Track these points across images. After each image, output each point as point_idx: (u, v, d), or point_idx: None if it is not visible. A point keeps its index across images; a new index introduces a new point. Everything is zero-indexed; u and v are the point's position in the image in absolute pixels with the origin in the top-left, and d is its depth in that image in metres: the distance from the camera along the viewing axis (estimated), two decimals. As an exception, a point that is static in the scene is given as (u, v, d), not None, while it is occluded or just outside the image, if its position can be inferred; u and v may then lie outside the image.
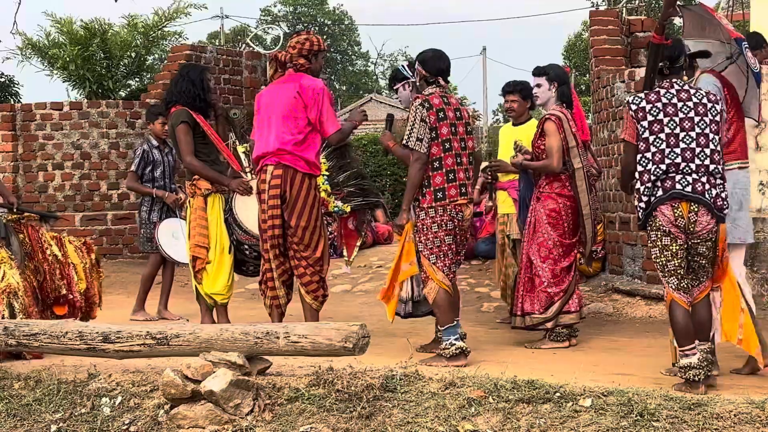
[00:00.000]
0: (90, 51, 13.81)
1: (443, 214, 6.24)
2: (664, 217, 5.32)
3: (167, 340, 4.87)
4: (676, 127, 5.37)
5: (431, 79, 6.38)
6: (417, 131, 6.20)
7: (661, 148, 5.35)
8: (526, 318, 6.86)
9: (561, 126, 6.83)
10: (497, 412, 4.26)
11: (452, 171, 6.27)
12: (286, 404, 4.52)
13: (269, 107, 6.60)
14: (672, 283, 5.36)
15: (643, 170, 5.38)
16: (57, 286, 6.39)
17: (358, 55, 57.17)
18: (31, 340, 5.15)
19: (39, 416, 4.75)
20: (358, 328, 4.65)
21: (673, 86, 5.47)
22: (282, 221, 6.50)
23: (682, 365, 5.27)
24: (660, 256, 5.38)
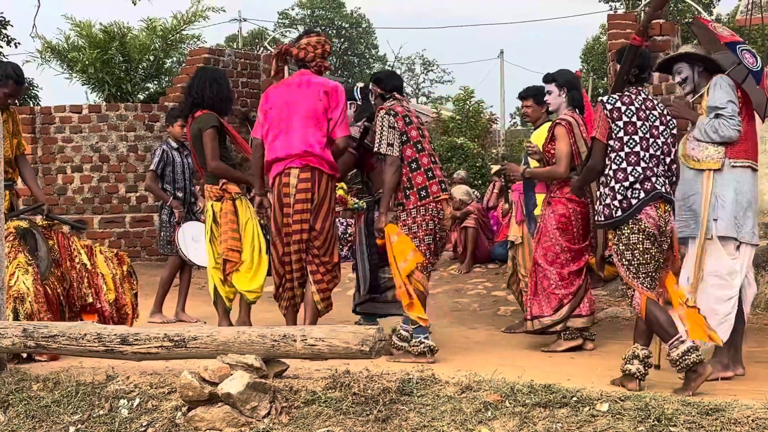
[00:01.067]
0: (109, 54, 13.89)
1: (425, 214, 6.43)
2: (649, 219, 5.42)
3: (185, 342, 4.89)
4: (647, 132, 5.54)
5: (387, 96, 6.68)
6: (387, 137, 6.43)
7: (635, 150, 5.48)
8: (536, 321, 6.87)
9: (571, 131, 6.84)
10: (514, 417, 4.25)
11: (430, 169, 6.49)
12: (302, 407, 4.53)
13: (288, 107, 6.52)
14: (646, 284, 5.47)
15: (617, 168, 5.48)
16: (84, 294, 6.44)
17: (375, 58, 57.12)
18: (50, 341, 5.18)
19: (57, 417, 4.78)
20: (375, 331, 4.66)
21: (640, 93, 5.64)
22: (309, 225, 6.50)
23: (679, 354, 5.25)
24: (639, 258, 5.45)
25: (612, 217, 5.47)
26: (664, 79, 9.51)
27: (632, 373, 5.37)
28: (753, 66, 5.90)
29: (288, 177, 6.48)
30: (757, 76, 5.93)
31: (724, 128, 5.76)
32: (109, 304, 6.54)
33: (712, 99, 5.83)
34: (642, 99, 5.60)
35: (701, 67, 6.01)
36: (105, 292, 6.54)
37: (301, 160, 6.47)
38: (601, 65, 33.23)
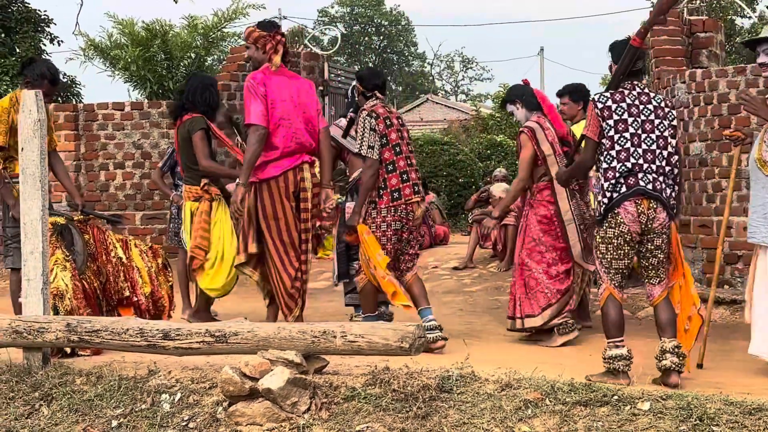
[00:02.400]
0: (151, 52, 13.99)
1: (395, 214, 6.69)
2: (627, 214, 5.52)
3: (226, 338, 4.92)
4: (639, 127, 5.59)
5: (368, 94, 6.90)
6: (368, 140, 6.66)
7: (626, 146, 5.54)
8: (525, 320, 7.01)
9: (533, 136, 7.11)
10: (554, 415, 4.24)
11: (405, 172, 6.74)
12: (342, 403, 4.54)
13: (292, 101, 6.57)
14: (615, 280, 5.60)
15: (608, 167, 5.57)
16: (120, 288, 6.50)
17: (414, 56, 57.13)
18: (93, 336, 5.24)
19: (100, 411, 4.83)
20: (415, 328, 4.66)
21: (635, 88, 5.68)
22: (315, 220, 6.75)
23: (610, 356, 5.48)
24: (612, 253, 5.58)
25: (599, 214, 5.62)
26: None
27: (669, 368, 5.41)
28: None
29: (302, 172, 6.58)
30: None
31: None
32: (145, 297, 6.60)
33: None
34: (636, 94, 5.66)
35: None
36: (141, 285, 6.61)
37: (310, 156, 6.63)
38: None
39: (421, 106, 38.94)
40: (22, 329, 5.34)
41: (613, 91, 5.66)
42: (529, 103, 7.32)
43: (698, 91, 9.23)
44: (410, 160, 6.84)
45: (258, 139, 6.42)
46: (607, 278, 5.61)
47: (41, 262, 5.52)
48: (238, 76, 12.75)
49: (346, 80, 15.23)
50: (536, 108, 7.30)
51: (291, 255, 6.62)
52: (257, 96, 6.45)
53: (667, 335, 5.56)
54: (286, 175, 6.53)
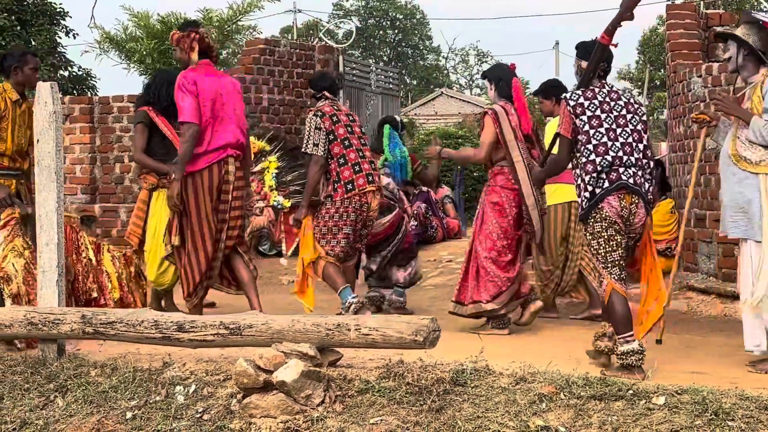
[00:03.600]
0: (166, 45, 14.02)
1: (348, 206, 7.07)
2: (611, 208, 5.59)
3: (240, 330, 4.93)
4: (613, 122, 5.68)
5: (318, 95, 7.36)
6: (313, 138, 7.07)
7: (602, 141, 5.63)
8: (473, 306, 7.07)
9: (497, 120, 7.11)
10: (568, 409, 4.22)
11: (357, 164, 7.11)
12: (356, 396, 4.54)
13: (221, 98, 6.70)
14: (614, 274, 5.62)
15: (586, 161, 5.62)
16: (89, 288, 6.54)
17: (429, 49, 57.02)
18: (108, 328, 5.25)
19: (115, 403, 4.84)
20: (429, 321, 4.65)
21: (604, 86, 5.81)
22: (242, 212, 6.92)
23: (623, 351, 5.47)
24: (605, 247, 5.62)
25: (582, 209, 5.66)
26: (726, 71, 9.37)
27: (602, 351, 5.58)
28: None
29: (227, 165, 6.68)
30: None
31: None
32: (114, 302, 6.60)
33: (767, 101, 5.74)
34: (606, 92, 5.78)
35: (746, 51, 5.90)
36: (110, 290, 6.62)
37: (236, 150, 6.74)
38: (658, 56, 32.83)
39: (436, 99, 38.89)
40: (38, 321, 5.37)
41: (584, 89, 5.77)
42: (502, 90, 7.31)
43: (714, 84, 9.18)
44: (362, 152, 7.21)
45: (191, 135, 6.56)
46: (607, 273, 5.63)
47: (56, 254, 5.55)
48: (253, 69, 12.76)
49: (361, 74, 15.23)
50: (507, 98, 7.28)
51: (205, 246, 6.72)
52: (189, 93, 6.61)
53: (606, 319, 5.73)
54: (211, 168, 6.66)
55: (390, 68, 23.80)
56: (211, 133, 6.64)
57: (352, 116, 7.41)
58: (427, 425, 4.28)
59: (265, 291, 9.62)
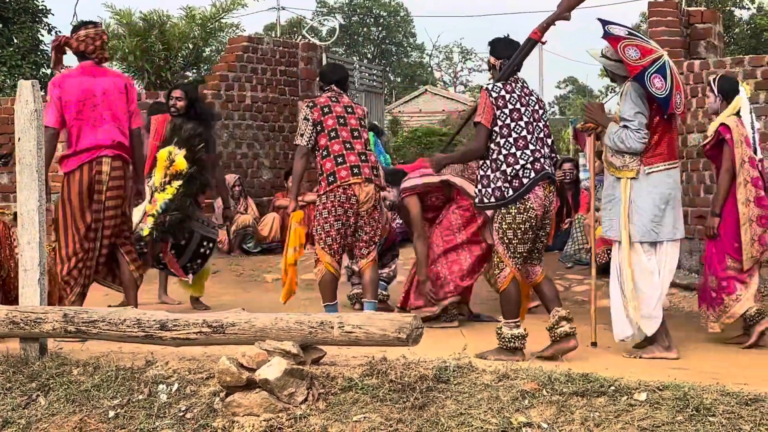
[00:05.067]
0: (149, 42, 13.97)
1: (334, 199, 6.91)
2: (536, 198, 5.88)
3: (223, 328, 4.92)
4: (530, 117, 5.95)
5: (326, 87, 7.21)
6: (300, 129, 7.03)
7: (522, 134, 5.89)
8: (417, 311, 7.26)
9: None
10: (551, 405, 4.24)
11: (341, 155, 6.92)
12: (339, 393, 4.55)
13: (93, 99, 6.65)
14: (519, 263, 5.94)
15: (508, 153, 5.86)
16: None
17: (413, 46, 57.04)
18: (90, 327, 5.23)
19: (97, 402, 4.83)
20: (412, 319, 4.65)
21: (517, 81, 6.05)
22: (122, 210, 6.79)
23: (510, 335, 5.87)
24: (519, 238, 5.89)
25: (504, 198, 5.85)
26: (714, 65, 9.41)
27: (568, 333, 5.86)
28: (660, 92, 5.92)
29: (100, 165, 6.65)
30: (665, 101, 5.94)
31: (630, 140, 5.97)
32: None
33: (622, 110, 6.02)
34: (520, 86, 6.02)
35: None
36: None
37: (112, 151, 6.67)
38: (641, 53, 32.89)
39: (420, 97, 38.91)
40: (19, 320, 5.34)
41: (504, 83, 5.97)
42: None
43: (696, 82, 9.22)
44: (351, 144, 7.00)
45: (48, 139, 6.43)
46: (511, 261, 5.91)
47: (38, 253, 5.52)
48: (236, 67, 12.73)
49: (345, 71, 15.21)
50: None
51: (75, 244, 6.70)
52: (52, 98, 6.69)
53: (556, 305, 6.00)
54: (82, 168, 6.66)
55: (374, 66, 23.80)
56: (78, 134, 6.63)
57: (352, 108, 7.20)
58: (410, 422, 4.28)
59: (249, 289, 9.62)
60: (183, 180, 7.58)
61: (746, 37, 26.91)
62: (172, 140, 7.75)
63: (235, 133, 12.73)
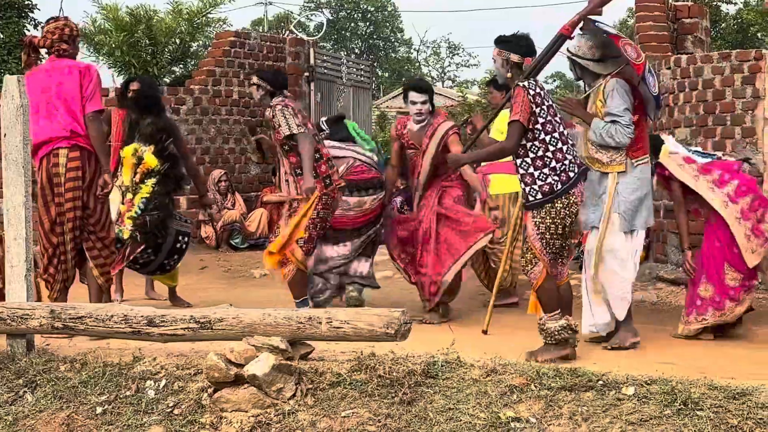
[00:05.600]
0: (135, 37, 13.91)
1: (326, 201, 6.97)
2: (579, 193, 5.89)
3: (211, 324, 4.91)
4: (557, 114, 5.93)
5: (277, 92, 7.14)
6: (294, 121, 6.90)
7: (561, 130, 5.87)
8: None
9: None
10: (539, 400, 4.24)
11: (330, 159, 7.11)
12: (328, 389, 4.54)
13: (48, 91, 6.56)
14: (551, 258, 5.89)
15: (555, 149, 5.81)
16: None
17: (400, 42, 57.04)
18: (78, 323, 5.22)
19: (85, 398, 4.81)
20: (400, 314, 4.65)
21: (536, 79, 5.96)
22: (82, 203, 6.60)
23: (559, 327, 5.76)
24: (560, 233, 5.86)
25: (553, 192, 5.79)
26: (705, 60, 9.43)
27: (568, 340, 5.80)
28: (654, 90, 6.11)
29: (57, 157, 6.56)
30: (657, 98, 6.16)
31: (620, 135, 6.01)
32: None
33: (610, 106, 6.03)
34: (541, 84, 5.96)
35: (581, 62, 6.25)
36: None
37: (68, 141, 6.56)
38: (628, 48, 32.94)
39: (408, 92, 38.80)
40: (6, 316, 5.32)
41: (536, 80, 5.90)
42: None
43: (683, 76, 9.24)
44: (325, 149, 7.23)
45: None
46: (546, 258, 5.87)
47: (24, 249, 5.50)
48: (223, 62, 12.70)
49: (332, 66, 15.19)
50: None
51: (45, 240, 6.63)
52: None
53: (567, 313, 5.96)
54: (42, 162, 6.61)
55: (361, 60, 23.77)
56: (35, 128, 6.50)
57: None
58: (399, 418, 4.29)
59: (237, 285, 9.60)
60: (157, 177, 7.46)
61: (733, 32, 27.01)
62: (133, 137, 7.61)
63: (223, 129, 12.69)
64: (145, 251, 7.57)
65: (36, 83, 6.57)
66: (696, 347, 6.36)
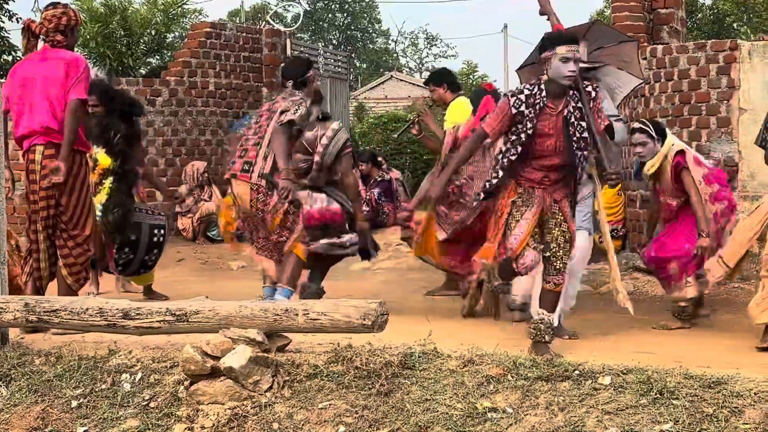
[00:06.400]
0: (110, 29, 13.86)
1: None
2: None
3: (187, 316, 4.88)
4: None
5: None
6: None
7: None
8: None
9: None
10: (516, 390, 4.25)
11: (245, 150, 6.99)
12: (305, 381, 4.53)
13: (30, 83, 6.35)
14: None
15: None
16: None
17: (378, 32, 56.96)
18: (52, 316, 5.17)
19: (60, 392, 4.78)
20: (377, 305, 4.64)
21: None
22: (55, 200, 6.36)
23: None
24: None
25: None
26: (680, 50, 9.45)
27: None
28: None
29: (33, 154, 6.34)
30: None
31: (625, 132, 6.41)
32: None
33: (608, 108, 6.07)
34: None
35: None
36: None
37: (44, 138, 6.32)
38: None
39: (386, 83, 38.85)
40: (-20, 310, 5.27)
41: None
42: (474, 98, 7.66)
43: (659, 67, 9.27)
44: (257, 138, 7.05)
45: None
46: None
47: (0, 242, 5.46)
48: (199, 53, 12.64)
49: (310, 57, 15.15)
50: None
51: (27, 232, 6.51)
52: (5, 85, 6.51)
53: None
54: (25, 156, 6.44)
55: (339, 52, 23.72)
56: (17, 120, 6.38)
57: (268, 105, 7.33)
58: (376, 409, 4.28)
59: (214, 277, 9.58)
60: (113, 176, 7.39)
61: (709, 23, 27.13)
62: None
63: (199, 120, 12.64)
64: (121, 251, 7.51)
65: (22, 74, 6.42)
66: (673, 337, 6.40)
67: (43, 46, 6.48)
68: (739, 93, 8.74)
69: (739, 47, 8.80)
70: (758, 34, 18.73)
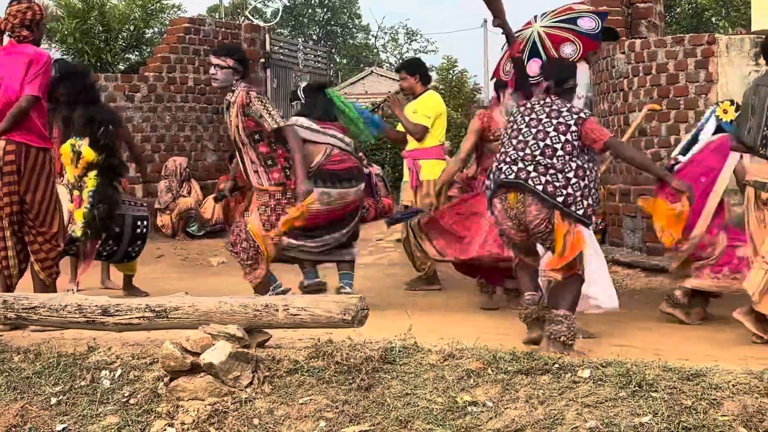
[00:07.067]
0: (88, 24, 13.78)
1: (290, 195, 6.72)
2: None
3: (166, 313, 4.87)
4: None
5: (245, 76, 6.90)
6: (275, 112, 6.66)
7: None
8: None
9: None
10: (496, 384, 4.26)
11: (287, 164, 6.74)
12: (285, 376, 4.53)
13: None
14: None
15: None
16: None
17: (358, 28, 56.87)
18: (31, 313, 5.15)
19: (39, 389, 4.76)
20: (357, 300, 4.65)
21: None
22: (19, 197, 6.29)
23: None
24: None
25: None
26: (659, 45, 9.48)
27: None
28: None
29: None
30: None
31: None
32: None
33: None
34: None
35: None
36: None
37: (6, 134, 6.24)
38: (584, 34, 33.09)
39: (366, 78, 38.81)
40: (-43, 307, 5.24)
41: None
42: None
43: (637, 61, 9.31)
44: None
45: None
46: None
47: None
48: (177, 49, 12.59)
49: (289, 53, 15.12)
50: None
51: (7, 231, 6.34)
52: None
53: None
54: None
55: (319, 47, 23.68)
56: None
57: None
58: (356, 404, 4.28)
59: (194, 273, 9.55)
60: (98, 169, 7.33)
61: (687, 17, 27.22)
62: (69, 134, 7.43)
63: (178, 116, 12.60)
64: (106, 243, 7.49)
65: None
66: (654, 330, 6.43)
67: (9, 41, 6.41)
68: (717, 87, 8.78)
69: (717, 41, 8.84)
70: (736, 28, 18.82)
